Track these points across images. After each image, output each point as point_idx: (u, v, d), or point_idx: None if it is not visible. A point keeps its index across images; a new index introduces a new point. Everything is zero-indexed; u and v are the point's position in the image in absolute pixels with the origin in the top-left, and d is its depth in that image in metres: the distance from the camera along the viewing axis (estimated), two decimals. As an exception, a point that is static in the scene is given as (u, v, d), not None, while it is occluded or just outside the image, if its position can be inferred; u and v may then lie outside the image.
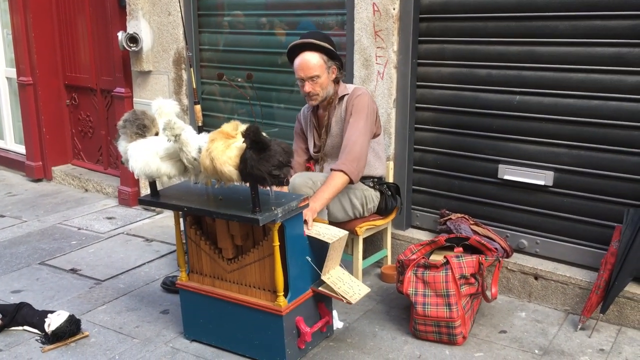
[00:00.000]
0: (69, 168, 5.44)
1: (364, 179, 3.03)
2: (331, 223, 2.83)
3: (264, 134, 2.20)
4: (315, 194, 2.78)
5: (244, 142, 2.20)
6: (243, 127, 2.26)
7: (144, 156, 2.44)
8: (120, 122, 2.55)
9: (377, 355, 2.61)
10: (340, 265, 2.67)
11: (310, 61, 2.91)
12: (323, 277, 2.54)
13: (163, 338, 2.80)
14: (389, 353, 2.62)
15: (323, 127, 3.10)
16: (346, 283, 2.60)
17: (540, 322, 2.87)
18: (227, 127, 2.33)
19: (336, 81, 3.02)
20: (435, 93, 3.29)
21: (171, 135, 2.30)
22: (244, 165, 2.20)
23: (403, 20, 3.22)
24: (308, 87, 2.94)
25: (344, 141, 2.93)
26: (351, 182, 2.86)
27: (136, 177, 2.56)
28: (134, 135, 2.51)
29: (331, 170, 2.87)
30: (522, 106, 3.02)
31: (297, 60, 2.95)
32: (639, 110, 2.73)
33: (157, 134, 2.56)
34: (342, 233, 2.57)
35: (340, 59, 3.01)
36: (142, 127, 2.50)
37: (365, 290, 2.63)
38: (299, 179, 2.85)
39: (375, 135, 3.06)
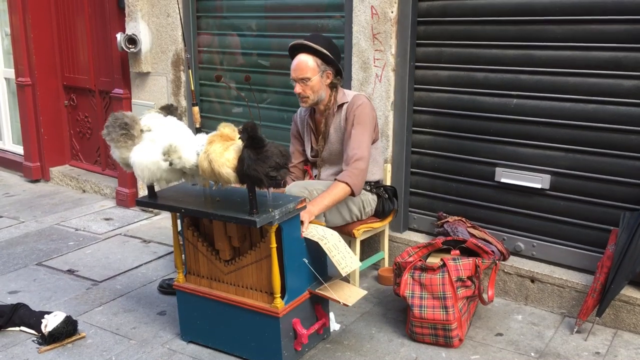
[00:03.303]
0: (66, 169, 5.44)
1: (361, 184, 3.04)
2: (328, 227, 2.83)
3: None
4: (315, 198, 2.78)
5: (240, 138, 2.20)
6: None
7: (148, 166, 2.44)
8: (104, 131, 2.54)
9: (374, 357, 2.62)
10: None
11: (302, 63, 2.93)
12: (320, 289, 2.56)
13: (160, 339, 2.80)
14: (386, 355, 2.63)
15: (321, 132, 3.10)
16: (343, 289, 2.62)
17: (536, 325, 2.88)
18: (225, 129, 2.34)
19: (333, 86, 3.02)
20: (433, 96, 3.30)
21: (176, 158, 2.32)
22: (241, 166, 2.21)
23: (401, 24, 3.23)
24: (298, 88, 2.96)
25: (349, 152, 2.92)
26: (352, 194, 2.87)
27: (143, 183, 2.58)
28: (121, 137, 2.50)
29: (335, 179, 2.88)
30: (519, 109, 3.03)
31: (293, 62, 2.97)
32: (636, 114, 2.74)
33: (141, 131, 2.56)
34: (356, 265, 2.58)
35: (336, 64, 2.99)
36: (125, 126, 2.48)
37: (362, 292, 2.64)
38: (295, 189, 2.85)
39: (373, 141, 3.07)
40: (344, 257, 2.55)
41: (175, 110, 2.69)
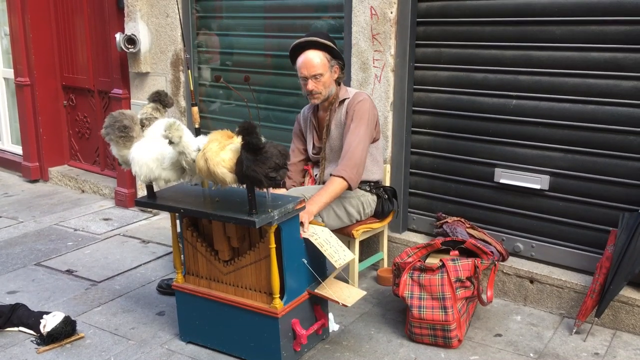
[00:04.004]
0: (65, 169, 5.44)
1: (360, 184, 3.03)
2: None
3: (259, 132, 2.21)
4: (312, 197, 2.78)
5: (237, 133, 2.20)
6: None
7: (148, 163, 2.44)
8: (103, 131, 2.54)
9: (373, 358, 2.62)
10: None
11: (314, 59, 2.92)
12: (318, 289, 2.56)
13: (159, 340, 2.80)
14: (385, 356, 2.63)
15: (323, 129, 3.10)
16: (342, 286, 2.61)
17: (535, 325, 2.88)
18: (225, 130, 2.35)
19: (338, 82, 3.03)
20: (432, 96, 3.30)
21: (177, 136, 2.29)
22: (240, 167, 2.21)
23: (400, 24, 3.23)
24: (311, 85, 2.94)
25: (344, 146, 2.93)
26: (349, 188, 2.87)
27: (140, 181, 2.57)
28: (120, 139, 2.51)
29: (330, 175, 2.88)
30: (518, 110, 3.03)
31: (301, 59, 2.95)
32: (634, 115, 2.74)
33: (142, 126, 2.55)
34: (350, 256, 2.57)
35: (342, 59, 3.01)
36: (124, 129, 2.49)
37: (361, 293, 2.64)
38: (293, 194, 2.85)
39: (374, 140, 3.06)
40: (336, 250, 2.55)
41: (165, 97, 2.67)
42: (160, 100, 2.66)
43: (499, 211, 3.19)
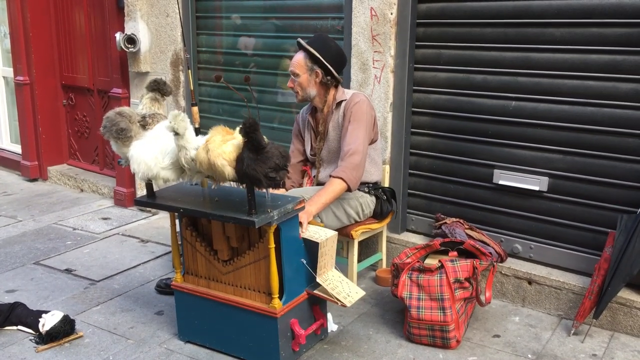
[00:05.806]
0: (64, 168, 5.44)
1: (359, 185, 3.03)
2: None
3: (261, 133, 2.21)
4: (312, 197, 2.79)
5: (240, 130, 2.20)
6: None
7: (146, 161, 2.44)
8: (101, 130, 2.54)
9: (371, 358, 2.62)
10: (336, 268, 2.68)
11: (295, 60, 2.99)
12: (318, 280, 2.55)
13: (157, 339, 2.80)
14: (383, 356, 2.63)
15: (320, 130, 3.10)
16: (342, 285, 2.61)
17: (533, 326, 2.88)
18: (225, 127, 2.35)
19: (325, 85, 2.99)
20: (432, 98, 3.31)
21: (182, 127, 2.27)
22: (241, 165, 2.21)
23: (400, 25, 3.23)
24: (290, 82, 3.04)
25: (344, 147, 2.93)
26: (349, 190, 2.87)
27: (139, 179, 2.56)
28: (118, 140, 2.50)
29: (330, 176, 2.88)
30: (517, 112, 3.04)
31: None
32: (633, 117, 2.75)
33: (143, 125, 2.55)
34: (332, 233, 2.58)
35: (324, 65, 2.93)
36: (121, 132, 2.48)
37: (360, 293, 2.64)
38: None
39: (372, 142, 3.07)
40: (316, 232, 2.57)
41: (163, 85, 2.66)
42: (159, 89, 2.65)
43: (497, 212, 3.20)
